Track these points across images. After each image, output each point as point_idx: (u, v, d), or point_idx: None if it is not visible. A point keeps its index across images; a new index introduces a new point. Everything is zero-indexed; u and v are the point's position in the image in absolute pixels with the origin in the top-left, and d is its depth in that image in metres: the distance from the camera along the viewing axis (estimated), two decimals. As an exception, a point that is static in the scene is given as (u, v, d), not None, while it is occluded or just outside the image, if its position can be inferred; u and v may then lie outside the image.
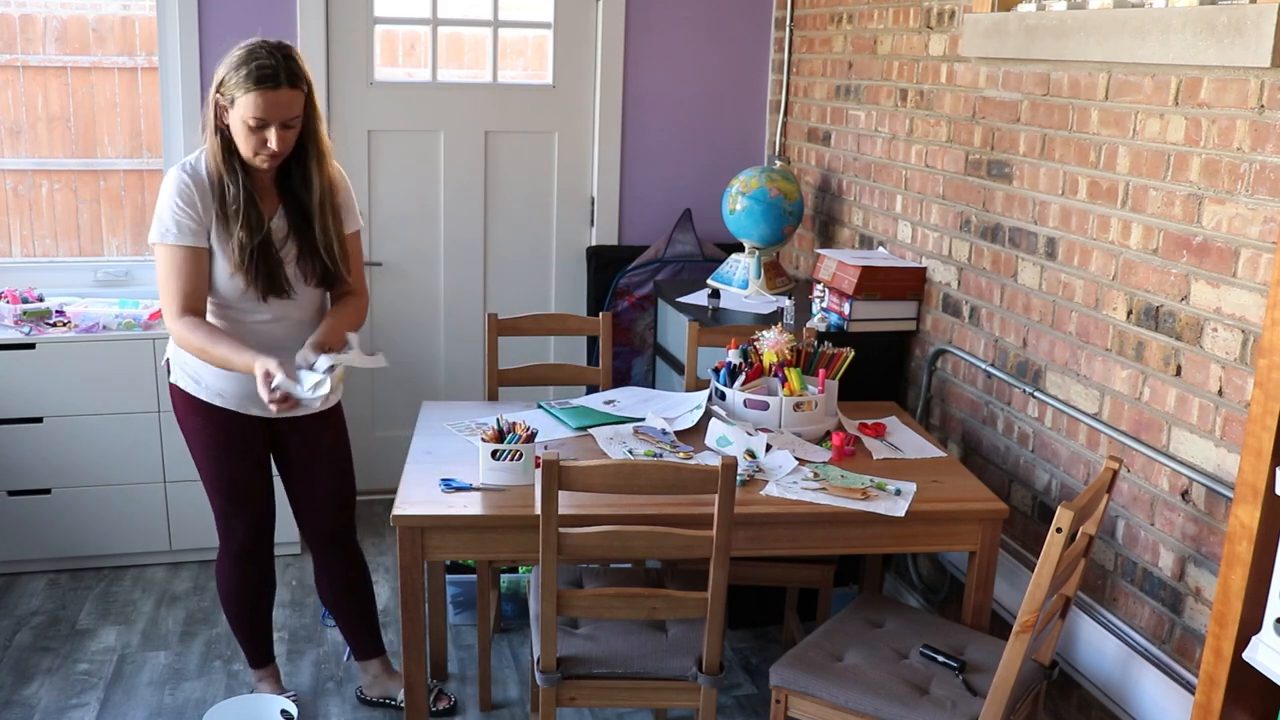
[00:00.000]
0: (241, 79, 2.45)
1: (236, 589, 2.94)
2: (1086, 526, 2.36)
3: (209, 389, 2.72)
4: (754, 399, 2.88)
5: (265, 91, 2.45)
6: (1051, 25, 2.71)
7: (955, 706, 2.33)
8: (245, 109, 2.46)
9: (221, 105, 2.52)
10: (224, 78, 2.49)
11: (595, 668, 2.48)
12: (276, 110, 2.47)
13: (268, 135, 2.49)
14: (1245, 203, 2.18)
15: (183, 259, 2.57)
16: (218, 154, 2.55)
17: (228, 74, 2.48)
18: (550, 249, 4.53)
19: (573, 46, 4.38)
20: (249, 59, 2.46)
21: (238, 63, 2.47)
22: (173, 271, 2.58)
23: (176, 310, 2.58)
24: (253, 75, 2.44)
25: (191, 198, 2.57)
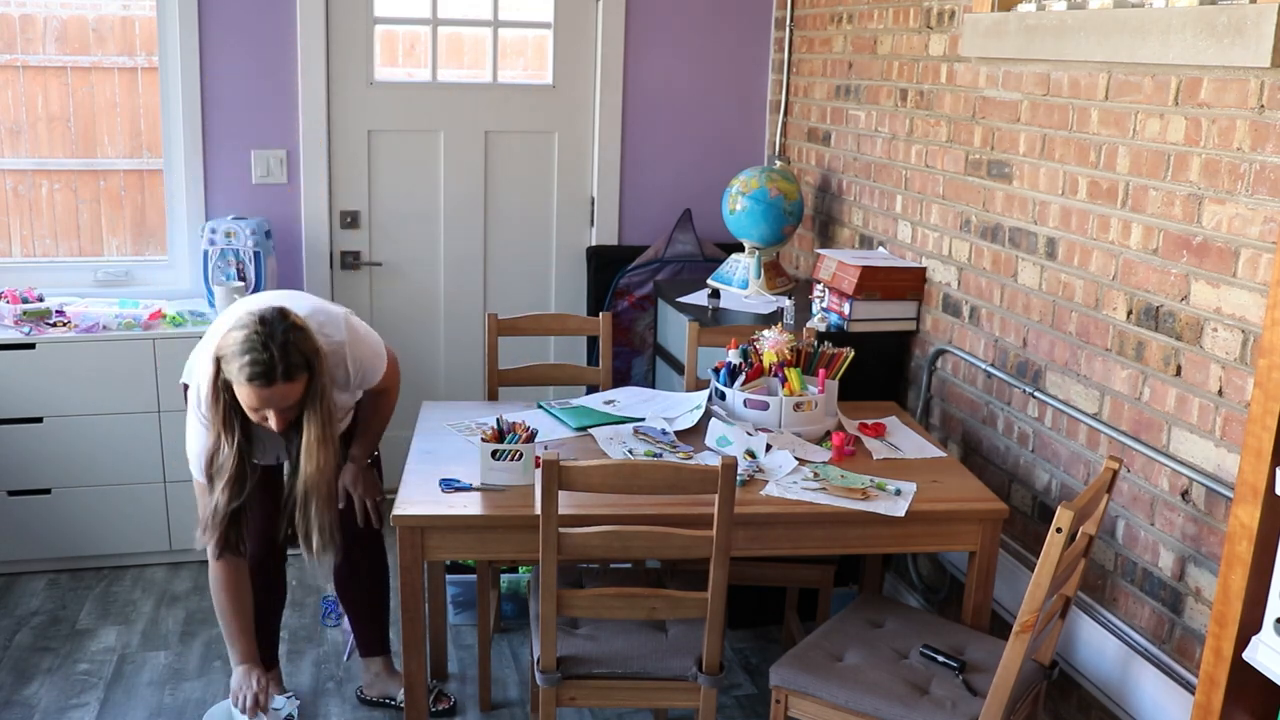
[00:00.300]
0: (235, 371, 2.39)
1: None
2: (1086, 526, 2.36)
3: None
4: (754, 399, 2.88)
5: (258, 388, 2.38)
6: (1051, 25, 2.71)
7: (955, 706, 2.33)
8: (241, 395, 2.43)
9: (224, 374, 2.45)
10: (224, 354, 2.41)
11: (595, 668, 2.48)
12: (271, 401, 2.41)
13: (266, 415, 2.45)
14: (1245, 203, 2.18)
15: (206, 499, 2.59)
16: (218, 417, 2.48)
17: (228, 354, 2.40)
18: (550, 249, 4.53)
19: (573, 46, 4.38)
20: (246, 349, 2.37)
21: (237, 349, 2.38)
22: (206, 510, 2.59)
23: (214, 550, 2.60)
24: (245, 370, 2.37)
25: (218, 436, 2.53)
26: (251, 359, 2.35)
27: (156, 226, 4.26)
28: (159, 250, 4.27)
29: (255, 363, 2.35)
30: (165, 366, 3.71)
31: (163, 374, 3.72)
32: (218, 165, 4.11)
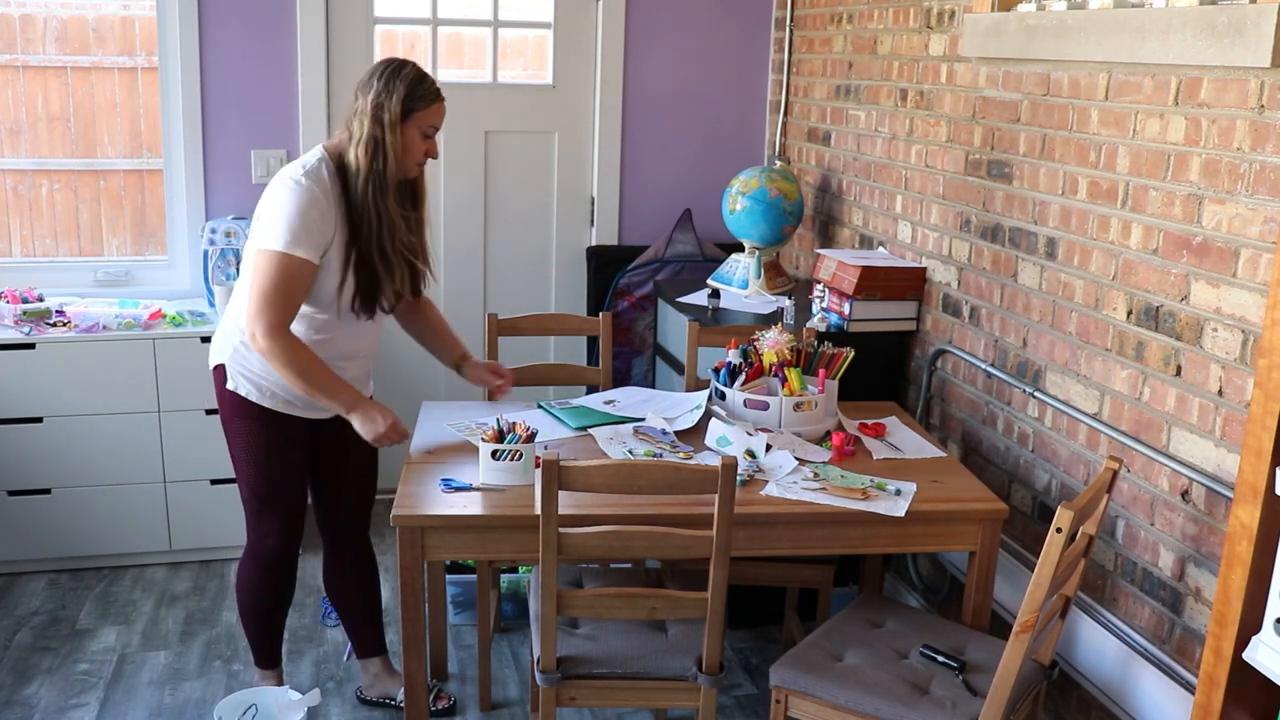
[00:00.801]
0: (425, 90, 2.62)
1: (259, 592, 2.92)
2: (1086, 526, 2.35)
3: (274, 396, 2.72)
4: (754, 399, 2.88)
5: (441, 103, 2.66)
6: (1051, 25, 2.71)
7: (955, 706, 2.33)
8: (429, 118, 2.64)
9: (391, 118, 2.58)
10: (405, 90, 2.59)
11: (595, 668, 2.48)
12: (442, 119, 2.68)
13: (432, 143, 2.67)
14: (1245, 203, 2.18)
15: (299, 272, 2.56)
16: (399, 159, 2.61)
17: (408, 87, 2.59)
18: (550, 249, 4.53)
19: (573, 46, 4.38)
20: (423, 75, 2.63)
21: (416, 78, 2.61)
22: (281, 283, 2.54)
23: (280, 323, 2.56)
24: (431, 89, 2.63)
25: (322, 211, 2.57)
26: (429, 80, 2.64)
27: (156, 226, 4.26)
28: (159, 250, 4.27)
29: (432, 81, 2.64)
30: (165, 366, 3.71)
31: (163, 374, 3.72)
32: (218, 165, 4.11)
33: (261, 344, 2.55)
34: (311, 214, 2.55)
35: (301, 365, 2.57)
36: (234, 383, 2.73)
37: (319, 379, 2.60)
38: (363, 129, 2.59)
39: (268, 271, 2.54)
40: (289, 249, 2.53)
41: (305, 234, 2.54)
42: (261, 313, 2.54)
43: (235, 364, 2.72)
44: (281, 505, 2.83)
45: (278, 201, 2.56)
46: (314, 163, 2.61)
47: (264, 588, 2.91)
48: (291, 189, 2.55)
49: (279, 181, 2.59)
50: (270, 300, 2.54)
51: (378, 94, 2.59)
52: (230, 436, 2.80)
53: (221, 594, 3.75)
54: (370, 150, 2.58)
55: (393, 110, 2.58)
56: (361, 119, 2.60)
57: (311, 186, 2.56)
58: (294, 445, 2.80)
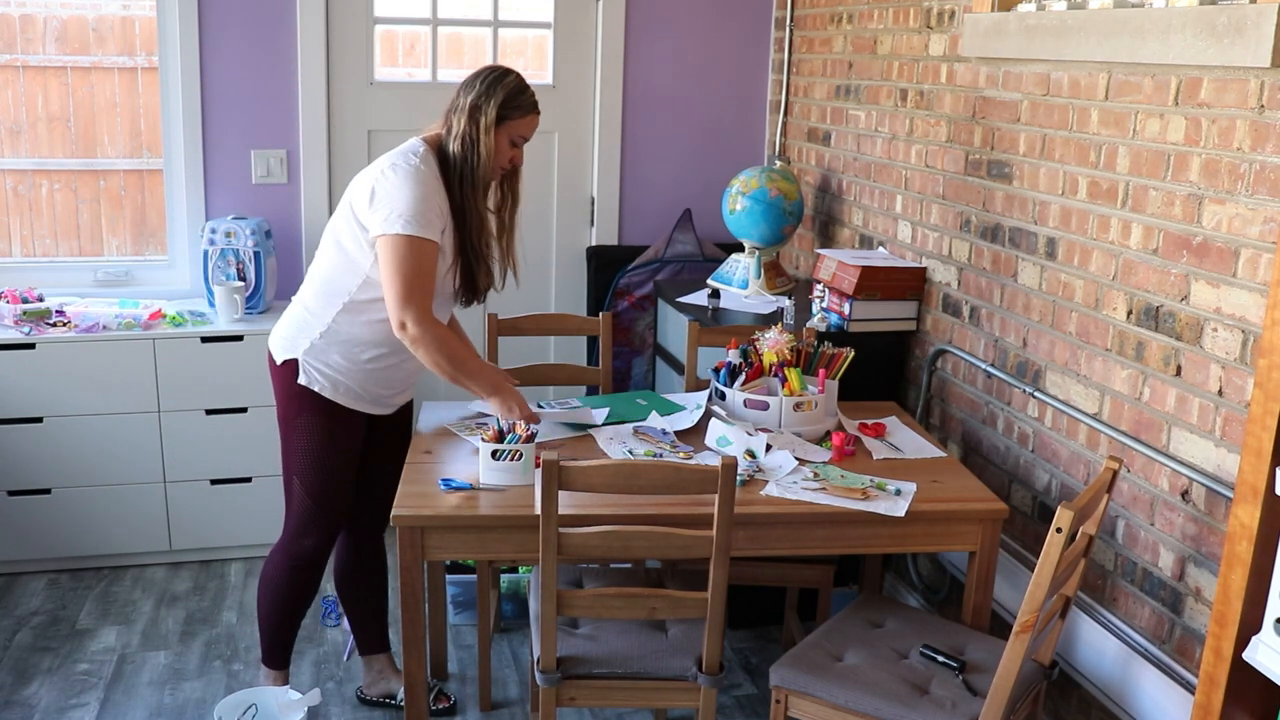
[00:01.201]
0: (522, 102, 2.71)
1: (287, 592, 2.91)
2: (1086, 526, 2.36)
3: (347, 392, 2.74)
4: (754, 399, 2.88)
5: (535, 116, 2.76)
6: (1051, 25, 2.71)
7: (955, 706, 2.33)
8: (520, 128, 2.73)
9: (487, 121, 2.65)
10: (503, 98, 2.68)
11: (595, 668, 2.48)
12: (533, 131, 2.78)
13: (519, 152, 2.77)
14: (1245, 203, 2.18)
15: (433, 255, 2.62)
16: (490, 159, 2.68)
17: (506, 96, 2.68)
18: (550, 249, 4.53)
19: (573, 46, 4.38)
20: (523, 87, 2.73)
21: (516, 89, 2.70)
22: (423, 266, 2.59)
23: (427, 312, 2.61)
24: (529, 101, 2.73)
25: (438, 195, 2.64)
26: (529, 93, 2.73)
27: (156, 226, 4.26)
28: (159, 250, 4.27)
29: (532, 94, 2.74)
30: (165, 366, 3.71)
31: (163, 374, 3.72)
32: (218, 165, 4.11)
33: (413, 332, 2.60)
34: (433, 198, 2.62)
35: (452, 349, 2.67)
36: (307, 377, 2.72)
37: (466, 362, 2.72)
38: (459, 126, 2.67)
39: (406, 257, 2.57)
40: (422, 232, 2.58)
41: (433, 216, 2.61)
42: (408, 301, 2.58)
43: (311, 358, 2.72)
44: (332, 507, 2.83)
45: (399, 186, 2.59)
46: (421, 150, 2.67)
47: (293, 588, 2.91)
48: (410, 173, 2.60)
49: (391, 168, 2.62)
50: (414, 286, 2.58)
51: (478, 95, 2.67)
52: (292, 432, 2.78)
53: (221, 594, 3.75)
54: (464, 145, 2.66)
55: (489, 114, 2.66)
56: (460, 116, 2.67)
57: (427, 171, 2.63)
58: (354, 442, 2.82)
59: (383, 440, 2.89)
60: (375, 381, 2.77)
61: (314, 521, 2.83)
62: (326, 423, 2.75)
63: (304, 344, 2.73)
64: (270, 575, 2.91)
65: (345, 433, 2.78)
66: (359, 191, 2.65)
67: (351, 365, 2.72)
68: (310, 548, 2.85)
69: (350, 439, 2.80)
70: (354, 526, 3.01)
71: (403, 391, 2.90)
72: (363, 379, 2.74)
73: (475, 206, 2.70)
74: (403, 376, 2.83)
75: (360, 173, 2.72)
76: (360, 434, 2.83)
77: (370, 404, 2.79)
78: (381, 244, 2.59)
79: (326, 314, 2.71)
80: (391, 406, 2.87)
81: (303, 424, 2.76)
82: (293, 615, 2.96)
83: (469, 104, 2.67)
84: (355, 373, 2.73)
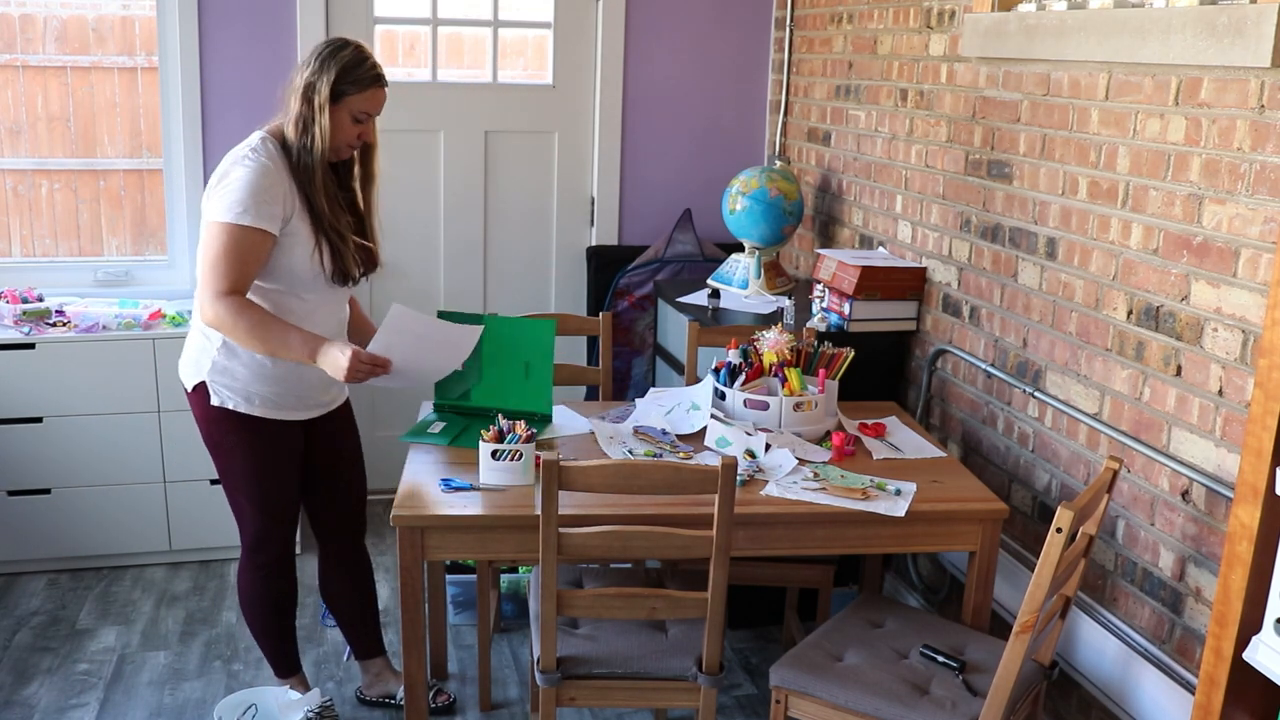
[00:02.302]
0: (359, 75, 2.59)
1: (267, 603, 2.89)
2: (1086, 526, 2.36)
3: (264, 401, 2.68)
4: (754, 399, 2.88)
5: (378, 90, 2.64)
6: (1051, 25, 2.71)
7: (955, 706, 2.33)
8: (361, 104, 2.62)
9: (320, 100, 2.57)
10: (336, 73, 2.57)
11: (595, 668, 2.48)
12: (379, 106, 2.67)
13: (366, 128, 2.66)
14: (1245, 203, 2.18)
15: (250, 242, 2.53)
16: (325, 140, 2.59)
17: (341, 70, 2.58)
18: (550, 249, 4.53)
19: (573, 46, 4.38)
20: (361, 59, 2.60)
21: (352, 62, 2.59)
22: (230, 252, 2.51)
23: (223, 289, 2.51)
24: (368, 74, 2.61)
25: (273, 180, 2.56)
26: (370, 64, 2.61)
27: (156, 226, 4.26)
28: (159, 250, 4.27)
29: (374, 66, 2.62)
30: (165, 366, 3.71)
31: (162, 374, 3.72)
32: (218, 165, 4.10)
33: (209, 313, 2.53)
34: (261, 183, 2.53)
35: (251, 320, 2.51)
36: (219, 397, 2.66)
37: (272, 330, 2.53)
38: (295, 108, 2.60)
39: (216, 242, 2.52)
40: (238, 219, 2.51)
41: (255, 203, 2.52)
42: (206, 283, 2.52)
43: (217, 376, 2.66)
44: (283, 516, 2.81)
45: (229, 178, 2.55)
46: (257, 141, 2.61)
47: (272, 597, 2.89)
48: (239, 163, 2.56)
49: (231, 165, 2.58)
50: (218, 268, 2.51)
51: (312, 73, 2.58)
52: (224, 454, 2.74)
53: (221, 594, 3.75)
54: (299, 128, 2.59)
55: (322, 92, 2.57)
56: (295, 97, 2.60)
57: (260, 159, 2.56)
58: (292, 451, 2.78)
59: (328, 444, 2.86)
60: (287, 384, 2.68)
61: (269, 531, 2.81)
62: (255, 439, 2.70)
63: (206, 364, 2.67)
64: (246, 591, 2.89)
65: (275, 443, 2.73)
66: (205, 198, 2.62)
67: (256, 372, 2.64)
68: (274, 555, 2.83)
69: (286, 449, 2.75)
70: (325, 535, 2.99)
71: (327, 389, 2.80)
72: (273, 383, 2.66)
73: (321, 188, 2.60)
74: (317, 373, 2.64)
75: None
76: (295, 442, 2.77)
77: (293, 410, 2.73)
78: (204, 231, 2.55)
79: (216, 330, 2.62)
80: (322, 406, 2.80)
81: (232, 445, 2.71)
82: (281, 622, 2.94)
83: (303, 83, 2.58)
84: (263, 379, 2.65)
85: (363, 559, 3.05)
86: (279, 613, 2.92)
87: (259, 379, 2.66)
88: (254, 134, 2.65)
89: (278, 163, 2.59)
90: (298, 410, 2.74)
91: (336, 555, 3.01)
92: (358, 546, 3.03)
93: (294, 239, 2.59)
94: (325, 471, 2.90)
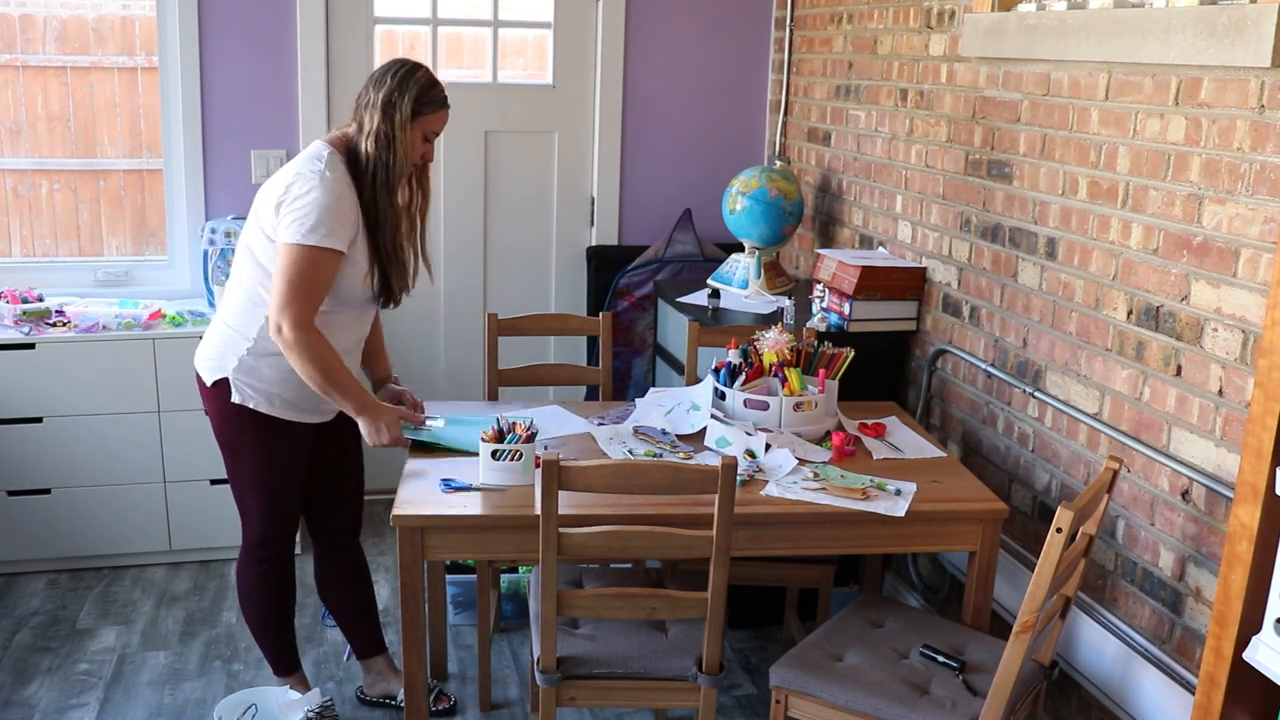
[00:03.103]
0: (434, 96, 2.67)
1: (268, 601, 2.90)
2: (1086, 526, 2.36)
3: (285, 403, 2.70)
4: (754, 399, 2.88)
5: (446, 111, 2.72)
6: (1051, 25, 2.71)
7: (955, 706, 2.33)
8: (433, 123, 2.69)
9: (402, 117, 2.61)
10: (416, 93, 2.63)
11: (595, 668, 2.48)
12: (443, 126, 2.75)
13: (430, 147, 2.73)
14: (1245, 203, 2.18)
15: (327, 264, 2.56)
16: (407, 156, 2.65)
17: (419, 90, 2.64)
18: (550, 249, 4.53)
19: (573, 46, 4.38)
20: (434, 81, 2.69)
21: (427, 83, 2.66)
22: (309, 275, 2.53)
23: (307, 319, 2.54)
24: (440, 95, 2.69)
25: (348, 203, 2.59)
26: (438, 87, 2.69)
27: (156, 226, 4.26)
28: (159, 250, 4.27)
29: (440, 89, 2.70)
30: (165, 366, 3.71)
31: (163, 374, 3.72)
32: (218, 165, 4.11)
33: (288, 336, 2.54)
34: (342, 205, 2.57)
35: (326, 361, 2.58)
36: (240, 395, 2.67)
37: (339, 376, 2.61)
38: (373, 122, 2.62)
39: (299, 265, 2.53)
40: (321, 242, 2.53)
41: (337, 225, 2.55)
42: (288, 305, 2.53)
43: (242, 375, 2.67)
44: (290, 513, 2.83)
45: (304, 196, 2.54)
46: (326, 155, 2.61)
47: (273, 595, 2.90)
48: (315, 181, 2.55)
49: (296, 176, 2.57)
50: (299, 293, 2.53)
51: (390, 91, 2.61)
52: (238, 452, 2.75)
53: (221, 594, 3.75)
54: (379, 143, 2.61)
55: (404, 109, 2.61)
56: (373, 113, 2.62)
57: (335, 178, 2.58)
58: (301, 452, 2.79)
59: (336, 446, 2.86)
60: (309, 389, 2.67)
61: (274, 529, 2.82)
62: (269, 439, 2.71)
63: (232, 362, 2.67)
64: (246, 588, 2.89)
65: (290, 444, 2.75)
66: (265, 202, 2.61)
67: (282, 376, 2.65)
68: (275, 551, 2.84)
69: (296, 450, 2.77)
70: (325, 536, 2.99)
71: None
72: (296, 388, 2.67)
73: (390, 205, 2.65)
74: None
75: (267, 181, 2.67)
76: (306, 443, 2.79)
77: (310, 413, 2.75)
78: (279, 251, 2.56)
79: (250, 328, 2.65)
80: (334, 411, 2.80)
81: (246, 443, 2.72)
82: (281, 618, 2.95)
83: (382, 99, 2.61)
84: (287, 383, 2.66)
85: (359, 557, 3.06)
86: (279, 609, 2.93)
87: (284, 382, 2.67)
88: (316, 144, 2.66)
89: (346, 180, 2.62)
90: (314, 414, 2.76)
91: (334, 554, 3.01)
92: (354, 545, 3.03)
93: (352, 259, 2.63)
94: (332, 472, 2.91)
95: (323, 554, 3.02)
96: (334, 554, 3.01)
